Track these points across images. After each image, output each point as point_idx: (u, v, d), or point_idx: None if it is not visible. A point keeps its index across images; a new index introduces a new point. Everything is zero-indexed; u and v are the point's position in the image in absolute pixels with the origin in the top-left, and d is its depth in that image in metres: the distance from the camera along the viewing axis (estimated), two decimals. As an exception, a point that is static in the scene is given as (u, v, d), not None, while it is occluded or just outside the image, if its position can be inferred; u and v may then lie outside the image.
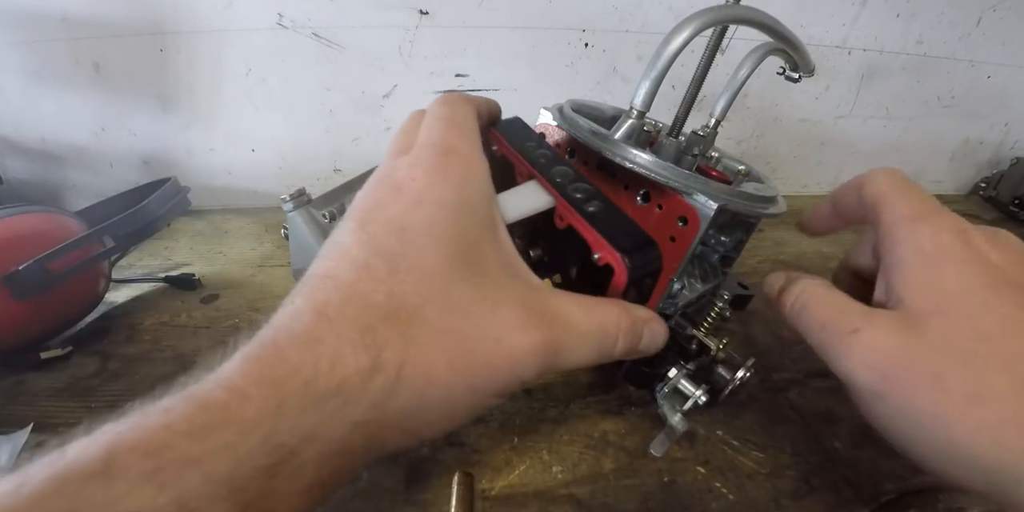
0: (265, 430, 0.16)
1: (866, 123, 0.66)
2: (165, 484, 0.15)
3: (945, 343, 0.20)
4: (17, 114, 0.56)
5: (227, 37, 0.53)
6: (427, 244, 0.20)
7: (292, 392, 0.17)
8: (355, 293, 0.19)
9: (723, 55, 0.49)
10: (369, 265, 0.19)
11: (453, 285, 0.20)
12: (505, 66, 0.57)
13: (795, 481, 0.30)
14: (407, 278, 0.19)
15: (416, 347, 0.18)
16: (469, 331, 0.19)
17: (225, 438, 0.16)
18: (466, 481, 0.28)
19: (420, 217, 0.20)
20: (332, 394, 0.17)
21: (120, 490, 0.15)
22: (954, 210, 0.23)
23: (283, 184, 0.62)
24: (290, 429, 0.16)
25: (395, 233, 0.20)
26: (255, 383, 0.17)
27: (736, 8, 0.29)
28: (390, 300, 0.19)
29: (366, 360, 0.18)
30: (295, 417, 0.17)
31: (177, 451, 0.15)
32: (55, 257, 0.36)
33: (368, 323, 0.18)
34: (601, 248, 0.23)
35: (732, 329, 0.41)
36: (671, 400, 0.30)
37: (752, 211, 0.29)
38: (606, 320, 0.22)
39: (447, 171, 0.21)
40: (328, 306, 0.18)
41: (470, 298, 0.20)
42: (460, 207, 0.21)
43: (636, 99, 0.28)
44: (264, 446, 0.16)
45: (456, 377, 0.19)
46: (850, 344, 0.22)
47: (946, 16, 0.59)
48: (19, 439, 0.31)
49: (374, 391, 0.18)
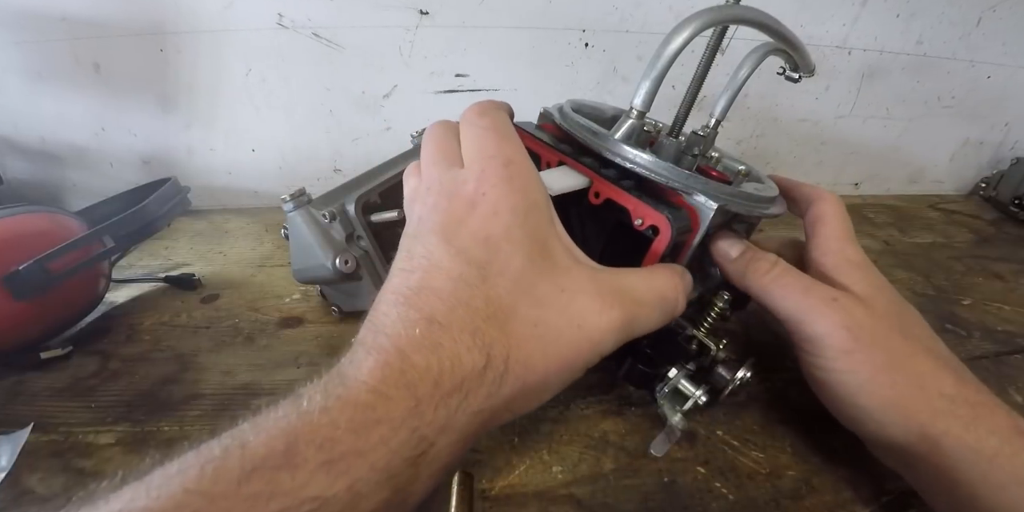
0: (411, 426, 0.19)
1: (866, 123, 0.66)
2: (339, 474, 0.18)
3: (886, 317, 0.28)
4: (17, 114, 0.56)
5: (227, 37, 0.53)
6: (509, 249, 0.23)
7: (425, 392, 0.20)
8: (457, 301, 0.22)
9: (723, 55, 0.49)
10: (463, 275, 0.22)
11: (535, 282, 0.23)
12: (505, 66, 0.57)
13: (795, 481, 0.30)
14: (498, 281, 0.22)
15: (516, 341, 0.21)
16: (555, 321, 0.22)
17: (380, 434, 0.19)
18: (466, 481, 0.28)
19: (499, 226, 0.23)
20: (456, 390, 0.20)
21: (303, 478, 0.17)
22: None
23: (283, 184, 0.62)
24: (429, 423, 0.19)
25: (480, 244, 0.23)
26: (394, 386, 0.19)
27: (736, 8, 0.29)
28: (488, 304, 0.22)
29: (480, 359, 0.21)
30: (431, 413, 0.19)
31: (345, 445, 0.18)
32: (55, 257, 0.36)
33: (475, 326, 0.21)
34: (645, 214, 0.27)
35: (732, 329, 0.41)
36: (671, 400, 0.30)
37: (752, 211, 0.29)
38: (665, 287, 0.26)
39: (512, 182, 0.24)
40: (436, 314, 0.21)
41: (551, 291, 0.23)
42: (528, 211, 0.23)
43: (636, 99, 0.28)
44: (412, 439, 0.19)
45: (550, 363, 0.22)
46: (833, 308, 0.27)
47: (946, 16, 0.59)
48: (19, 439, 0.31)
49: (487, 384, 0.21)
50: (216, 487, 0.17)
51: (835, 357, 0.27)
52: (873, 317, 0.28)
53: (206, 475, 0.17)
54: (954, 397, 0.25)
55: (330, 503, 0.17)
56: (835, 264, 0.30)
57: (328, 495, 0.17)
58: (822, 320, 0.27)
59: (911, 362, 0.27)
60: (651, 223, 0.27)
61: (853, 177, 0.71)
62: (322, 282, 0.42)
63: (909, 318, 0.29)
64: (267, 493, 0.17)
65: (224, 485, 0.17)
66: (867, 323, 0.27)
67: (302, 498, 0.17)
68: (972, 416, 0.25)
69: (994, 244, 0.60)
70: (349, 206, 0.37)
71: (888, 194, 0.72)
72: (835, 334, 0.27)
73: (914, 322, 0.29)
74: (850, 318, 0.27)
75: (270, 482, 0.17)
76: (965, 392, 0.26)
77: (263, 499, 0.17)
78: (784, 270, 0.29)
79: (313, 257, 0.36)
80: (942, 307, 0.47)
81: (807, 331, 0.28)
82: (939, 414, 0.25)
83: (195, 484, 0.17)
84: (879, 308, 0.28)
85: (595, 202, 0.29)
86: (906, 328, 0.28)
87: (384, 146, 0.60)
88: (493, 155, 0.24)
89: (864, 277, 0.29)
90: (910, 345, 0.27)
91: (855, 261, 0.30)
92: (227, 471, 0.17)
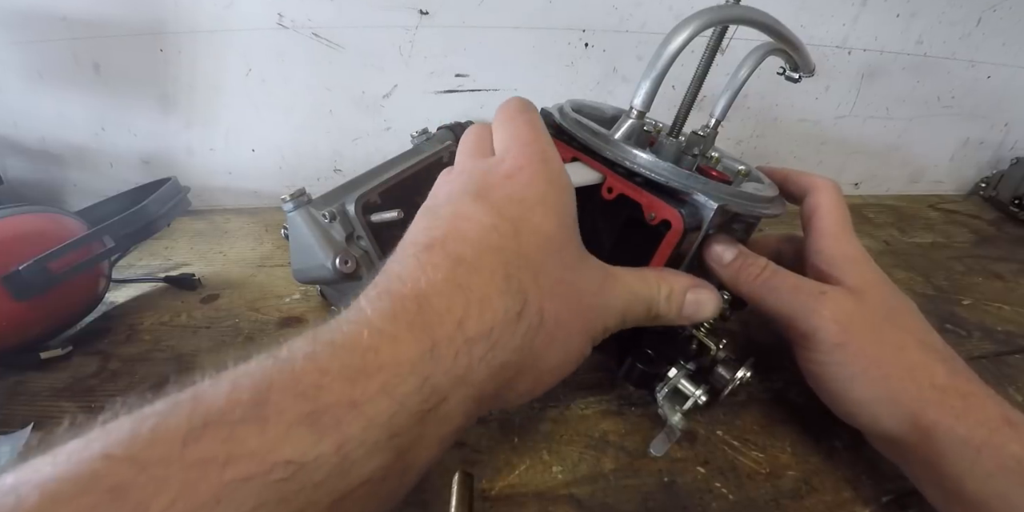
0: (423, 372, 0.16)
1: (866, 123, 0.66)
2: (326, 429, 0.14)
3: (878, 309, 0.28)
4: (17, 114, 0.56)
5: (227, 37, 0.53)
6: (543, 212, 0.22)
7: (444, 334, 0.17)
8: (488, 246, 0.20)
9: (723, 55, 0.49)
10: (496, 226, 0.21)
11: (564, 246, 0.22)
12: (505, 66, 0.57)
13: (795, 481, 0.30)
14: (531, 239, 0.21)
15: (547, 294, 0.20)
16: (578, 283, 0.22)
17: (383, 380, 0.15)
18: (466, 481, 0.28)
19: (534, 192, 0.22)
20: (483, 336, 0.17)
21: (275, 435, 0.13)
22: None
23: (283, 184, 0.62)
24: (445, 372, 0.16)
25: (516, 203, 0.22)
26: (406, 327, 0.16)
27: (736, 8, 0.29)
28: (519, 256, 0.20)
29: (514, 304, 0.19)
30: (450, 360, 0.17)
31: (334, 395, 0.14)
32: (55, 257, 0.36)
33: (508, 272, 0.19)
34: (657, 208, 0.27)
35: (732, 329, 0.41)
36: (671, 400, 0.30)
37: (752, 211, 0.29)
38: (650, 285, 0.25)
39: (548, 163, 0.24)
40: (465, 255, 0.19)
41: (576, 257, 0.23)
42: (564, 188, 0.23)
43: (636, 99, 0.28)
44: (422, 389, 0.16)
45: (574, 320, 0.21)
46: (822, 302, 0.28)
47: (946, 16, 0.59)
48: (19, 439, 0.31)
49: (520, 334, 0.19)
50: (152, 450, 0.12)
51: (828, 351, 0.28)
52: (864, 309, 0.28)
53: (140, 435, 0.13)
54: (945, 388, 0.25)
55: (310, 469, 0.13)
56: (830, 259, 0.30)
57: (308, 459, 0.13)
58: (812, 315, 0.28)
59: (903, 354, 0.27)
60: (664, 218, 0.27)
61: (853, 177, 0.71)
62: (322, 282, 0.42)
63: (903, 309, 0.29)
64: (221, 456, 0.12)
65: (163, 447, 0.12)
66: (857, 316, 0.27)
67: (271, 462, 0.13)
68: (963, 407, 0.25)
69: (994, 244, 0.60)
70: (349, 206, 0.37)
71: (888, 194, 0.72)
72: (826, 328, 0.27)
73: (908, 313, 0.29)
74: (840, 311, 0.27)
75: (228, 440, 0.13)
76: (957, 383, 0.26)
77: (215, 465, 0.12)
78: (773, 272, 0.30)
79: (313, 257, 0.36)
80: (942, 307, 0.47)
81: (800, 327, 0.28)
82: (930, 405, 0.25)
83: (122, 448, 0.12)
84: (871, 300, 0.28)
85: (608, 197, 0.29)
86: (899, 320, 0.28)
87: (384, 146, 0.60)
88: (529, 143, 0.24)
89: (858, 270, 0.29)
90: (902, 337, 0.27)
91: (850, 255, 0.30)
92: (169, 430, 0.13)
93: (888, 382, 0.26)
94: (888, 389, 0.26)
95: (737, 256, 0.30)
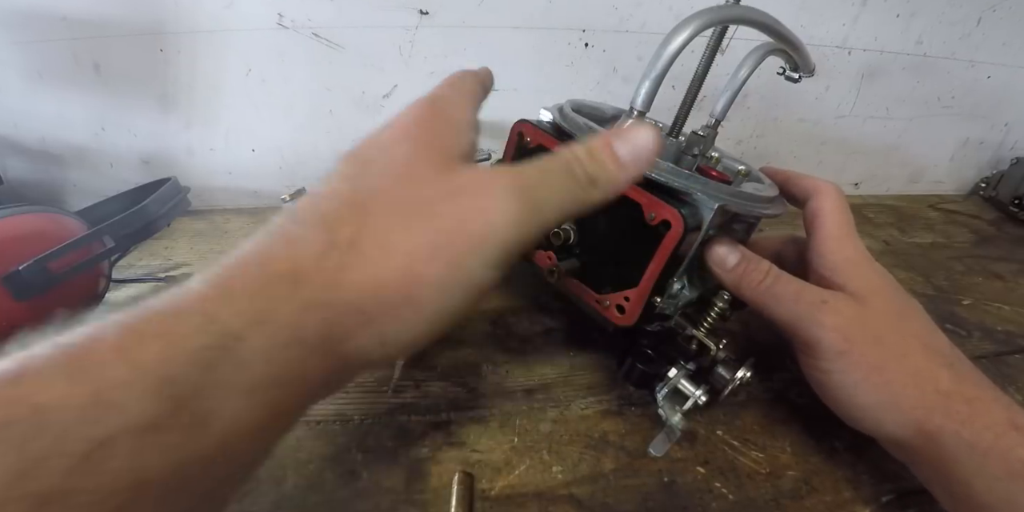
0: (207, 310, 0.15)
1: (866, 123, 0.66)
2: (82, 371, 0.13)
3: (881, 315, 0.28)
4: (17, 114, 0.56)
5: (227, 37, 0.53)
6: (399, 139, 0.21)
7: (242, 275, 0.16)
8: (324, 194, 0.20)
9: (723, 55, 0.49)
10: (343, 172, 0.20)
11: (416, 163, 0.20)
12: (505, 66, 0.56)
13: (795, 481, 0.30)
14: (374, 169, 0.20)
15: (373, 218, 0.18)
16: (430, 196, 0.19)
17: (160, 325, 0.14)
18: (466, 481, 0.28)
19: (396, 129, 0.22)
20: (286, 275, 0.16)
21: (29, 385, 0.13)
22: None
23: (283, 184, 0.62)
24: (237, 313, 0.15)
25: (373, 145, 0.21)
26: (200, 281, 0.16)
27: (736, 8, 0.29)
28: (355, 191, 0.19)
29: (323, 237, 0.17)
30: (245, 301, 0.16)
31: (103, 343, 0.14)
32: (55, 257, 0.36)
33: (330, 209, 0.19)
34: (657, 208, 0.27)
35: (732, 329, 0.41)
36: (671, 400, 0.30)
37: (752, 211, 0.29)
38: (560, 151, 0.21)
39: (429, 102, 0.23)
40: (299, 211, 0.19)
41: (433, 172, 0.20)
42: (434, 117, 0.22)
43: (636, 99, 0.28)
44: (207, 329, 0.15)
45: (419, 243, 0.18)
46: (823, 311, 0.28)
47: (946, 16, 0.59)
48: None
49: (328, 268, 0.17)
50: None
51: (831, 359, 0.28)
52: (866, 316, 0.28)
53: None
54: (950, 393, 0.25)
55: (57, 411, 0.12)
56: (833, 263, 0.30)
57: (57, 403, 0.12)
58: (814, 325, 0.28)
59: (906, 360, 0.27)
60: (663, 218, 0.27)
61: (853, 177, 0.71)
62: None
63: (907, 313, 0.29)
64: None
65: None
66: (859, 323, 0.27)
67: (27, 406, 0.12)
68: (968, 412, 0.25)
69: (994, 244, 0.60)
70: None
71: (888, 194, 0.72)
72: (828, 337, 0.27)
73: (912, 317, 0.29)
74: (841, 319, 0.28)
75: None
76: (962, 387, 0.26)
77: None
78: (776, 278, 0.29)
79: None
80: (942, 307, 0.47)
81: (802, 336, 0.28)
82: (934, 410, 0.25)
83: None
84: (874, 305, 0.28)
85: None
86: (903, 324, 0.28)
87: (384, 146, 0.60)
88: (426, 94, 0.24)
89: (861, 274, 0.29)
90: (906, 341, 0.27)
91: (853, 259, 0.30)
92: None
93: (891, 388, 0.26)
94: (891, 394, 0.26)
95: (740, 261, 0.30)
